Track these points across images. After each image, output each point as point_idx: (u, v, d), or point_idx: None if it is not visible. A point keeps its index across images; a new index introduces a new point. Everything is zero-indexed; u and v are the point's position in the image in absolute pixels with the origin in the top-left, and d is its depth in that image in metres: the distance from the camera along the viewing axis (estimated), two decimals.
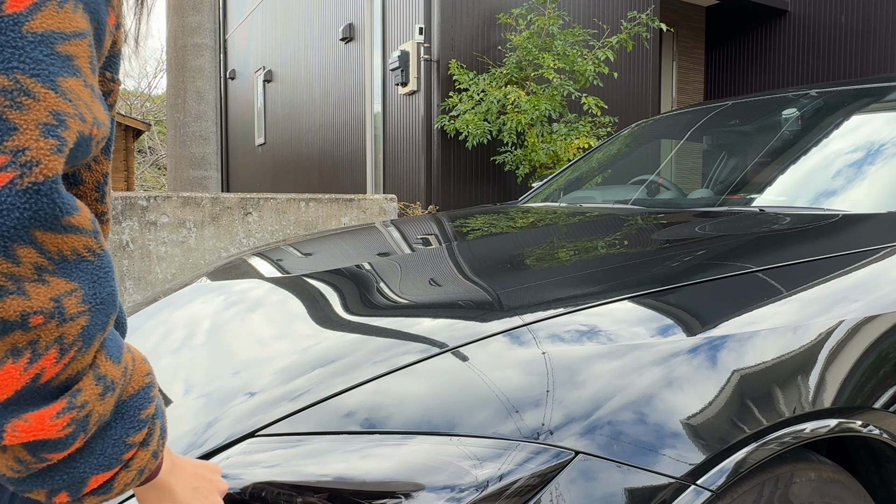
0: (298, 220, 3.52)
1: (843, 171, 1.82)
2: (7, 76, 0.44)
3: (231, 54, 13.06)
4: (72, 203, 0.47)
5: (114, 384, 0.53)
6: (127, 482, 0.57)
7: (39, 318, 0.46)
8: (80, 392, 0.50)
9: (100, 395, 0.52)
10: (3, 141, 0.44)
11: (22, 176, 0.44)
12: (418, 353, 0.99)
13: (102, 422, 0.53)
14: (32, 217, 0.44)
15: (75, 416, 0.50)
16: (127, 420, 0.55)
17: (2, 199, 0.43)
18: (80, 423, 0.51)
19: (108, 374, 0.52)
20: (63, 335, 0.47)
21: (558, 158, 5.70)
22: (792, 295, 1.14)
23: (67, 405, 0.49)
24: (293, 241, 2.16)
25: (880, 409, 1.11)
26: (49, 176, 0.45)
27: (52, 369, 0.48)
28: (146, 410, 0.57)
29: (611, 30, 6.58)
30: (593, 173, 2.87)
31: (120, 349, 0.55)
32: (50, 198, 0.45)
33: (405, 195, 6.85)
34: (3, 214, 0.43)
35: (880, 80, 2.19)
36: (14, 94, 0.44)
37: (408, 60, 6.52)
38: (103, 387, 0.52)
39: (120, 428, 0.55)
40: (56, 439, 0.50)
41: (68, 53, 0.47)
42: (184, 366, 1.18)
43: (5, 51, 0.44)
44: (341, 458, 0.85)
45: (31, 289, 0.45)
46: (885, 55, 7.66)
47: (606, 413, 0.89)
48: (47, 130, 0.45)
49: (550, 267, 1.43)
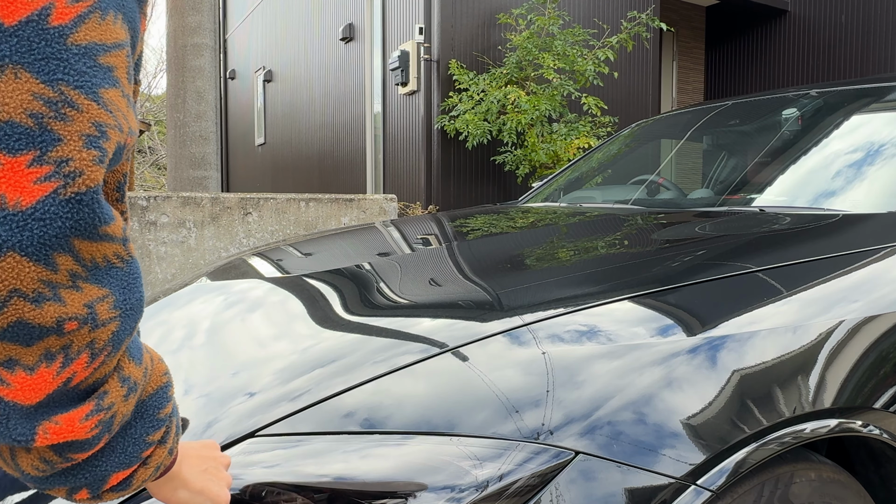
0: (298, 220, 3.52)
1: (843, 171, 1.82)
2: (52, 88, 0.45)
3: (231, 54, 13.06)
4: (109, 212, 0.48)
5: (136, 385, 0.55)
6: (144, 479, 0.59)
7: (74, 323, 0.46)
8: (106, 394, 0.52)
9: (124, 397, 0.53)
10: (48, 151, 0.44)
11: (65, 186, 0.45)
12: (418, 354, 0.99)
13: (125, 421, 0.55)
14: (73, 226, 0.45)
15: (102, 417, 0.52)
16: (147, 419, 0.57)
17: (45, 208, 0.44)
18: (107, 424, 0.52)
19: (131, 376, 0.54)
20: (94, 340, 0.48)
21: (558, 158, 5.70)
22: (792, 295, 1.14)
23: (95, 407, 0.51)
24: (293, 241, 2.16)
25: (880, 409, 1.11)
26: (91, 186, 0.46)
27: (82, 373, 0.49)
28: (165, 409, 0.59)
29: (611, 30, 6.58)
30: (593, 173, 2.87)
31: (141, 350, 0.56)
32: (91, 208, 0.46)
33: (405, 195, 6.85)
34: (47, 224, 0.44)
35: (880, 80, 2.19)
36: (59, 106, 0.45)
37: (408, 60, 6.52)
38: (127, 388, 0.53)
39: (140, 427, 0.57)
40: (83, 440, 0.51)
41: (109, 65, 0.48)
42: (183, 366, 1.18)
43: (50, 62, 0.45)
44: (341, 458, 0.85)
45: (66, 295, 0.46)
46: (885, 55, 7.66)
47: (606, 413, 0.89)
48: (90, 142, 0.46)
49: (550, 267, 1.43)
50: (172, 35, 6.29)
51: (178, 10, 6.22)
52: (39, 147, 0.44)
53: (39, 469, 0.52)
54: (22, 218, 0.44)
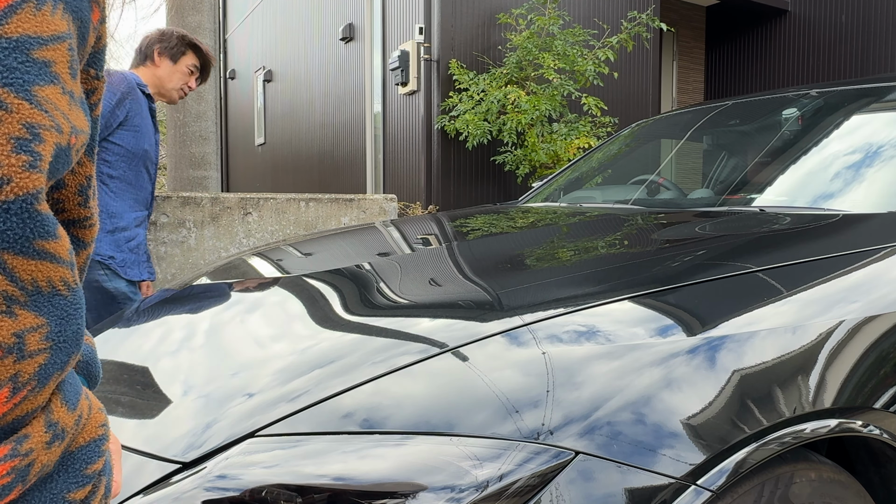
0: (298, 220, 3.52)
1: (844, 171, 1.82)
2: None
3: (231, 54, 13.05)
4: (50, 228, 0.43)
5: (64, 433, 0.48)
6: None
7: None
8: (27, 438, 0.45)
9: (47, 444, 0.47)
10: None
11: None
12: (418, 354, 0.99)
13: (44, 473, 0.48)
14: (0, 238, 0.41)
15: (17, 464, 0.45)
16: (71, 474, 0.50)
17: None
18: (21, 473, 0.45)
19: (60, 421, 0.48)
20: (19, 373, 0.43)
21: (558, 158, 5.69)
22: (792, 295, 1.14)
23: (11, 452, 0.44)
24: (293, 241, 2.16)
25: (880, 409, 1.11)
26: (20, 195, 0.41)
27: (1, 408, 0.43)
28: (94, 465, 0.51)
29: (611, 30, 6.57)
30: (593, 173, 2.87)
31: (77, 395, 0.50)
32: (21, 217, 0.41)
33: (405, 195, 6.84)
34: None
35: (880, 80, 2.18)
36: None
37: (408, 60, 6.52)
38: (52, 434, 0.47)
39: (62, 482, 0.49)
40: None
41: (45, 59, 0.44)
42: (183, 366, 1.18)
43: None
44: (340, 458, 0.85)
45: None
46: (885, 55, 7.66)
47: (606, 413, 0.89)
48: (20, 145, 0.41)
49: (550, 267, 1.43)
50: None
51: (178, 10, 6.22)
52: None
53: None
54: None
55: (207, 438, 0.92)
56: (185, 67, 2.67)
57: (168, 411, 1.04)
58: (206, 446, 0.91)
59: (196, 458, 0.90)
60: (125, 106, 2.44)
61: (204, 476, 0.86)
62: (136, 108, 2.48)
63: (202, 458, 0.89)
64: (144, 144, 2.52)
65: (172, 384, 1.12)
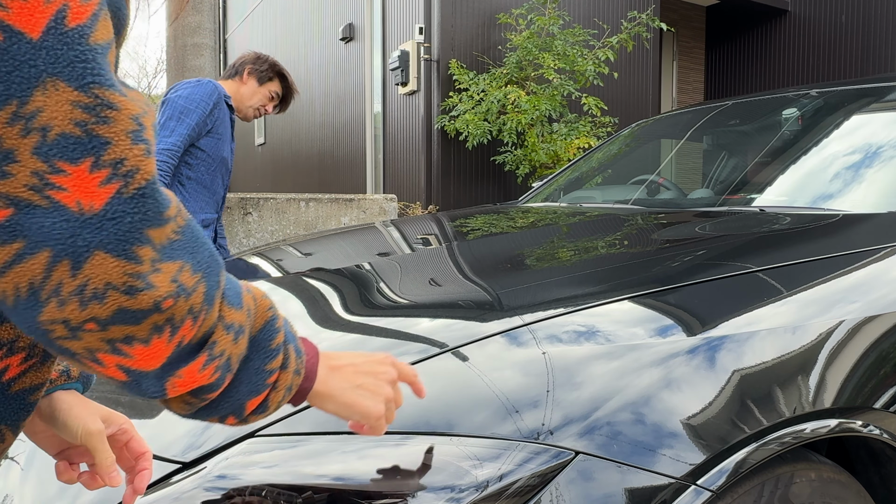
0: (298, 220, 3.52)
1: (843, 171, 1.82)
2: (86, 93, 0.45)
3: (231, 54, 13.05)
4: (166, 197, 0.51)
5: (241, 328, 0.60)
6: (279, 400, 0.65)
7: (169, 300, 0.51)
8: (215, 344, 0.57)
9: (233, 340, 0.58)
10: (101, 155, 0.46)
11: (126, 185, 0.48)
12: (417, 354, 0.99)
13: (242, 358, 0.61)
14: (143, 219, 0.49)
15: (218, 363, 0.57)
16: (261, 352, 0.62)
17: (115, 208, 0.47)
18: (224, 367, 0.58)
19: (234, 322, 0.59)
20: (192, 306, 0.53)
21: (558, 158, 5.69)
22: (792, 295, 1.14)
23: (209, 357, 0.56)
24: (293, 241, 2.16)
25: (880, 409, 1.11)
26: (148, 179, 0.49)
27: (189, 334, 0.54)
28: (276, 339, 0.63)
29: (611, 30, 6.57)
30: (593, 173, 2.87)
31: (239, 297, 0.60)
32: (153, 198, 0.49)
33: (405, 195, 6.84)
34: (118, 222, 0.47)
35: (880, 80, 2.18)
36: (98, 110, 0.46)
37: (408, 60, 6.52)
38: (234, 333, 0.58)
39: (258, 360, 0.62)
40: (208, 384, 0.58)
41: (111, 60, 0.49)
42: None
43: (76, 66, 0.45)
44: (340, 458, 0.85)
45: (154, 279, 0.50)
46: (885, 55, 7.66)
47: (606, 413, 0.89)
48: (136, 137, 0.48)
49: (550, 267, 1.43)
50: (172, 35, 6.29)
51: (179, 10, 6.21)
52: (93, 153, 0.46)
53: (185, 409, 0.61)
54: (98, 220, 0.47)
55: (207, 438, 0.92)
56: (267, 91, 2.88)
57: (168, 411, 1.04)
58: (206, 446, 0.91)
59: (196, 458, 0.90)
60: (215, 115, 2.63)
61: (204, 476, 0.86)
62: (221, 117, 2.67)
63: (202, 458, 0.89)
64: (224, 152, 2.71)
65: None
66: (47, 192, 0.46)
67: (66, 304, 0.48)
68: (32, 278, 0.47)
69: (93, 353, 0.51)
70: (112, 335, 0.50)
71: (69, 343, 0.50)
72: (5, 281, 0.47)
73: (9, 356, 0.56)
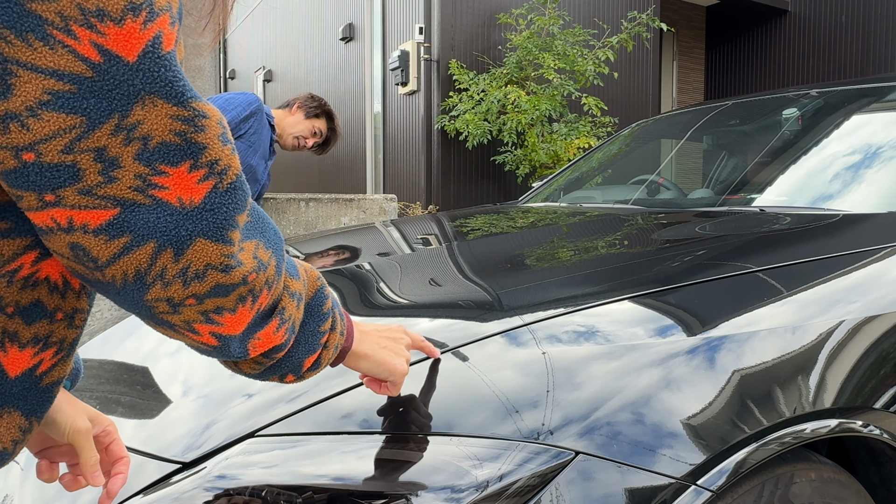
0: (298, 220, 3.52)
1: (843, 171, 1.82)
2: (185, 108, 0.52)
3: (231, 54, 13.05)
4: (248, 186, 0.58)
5: (301, 295, 0.69)
6: (329, 358, 0.76)
7: (253, 275, 0.59)
8: (284, 309, 0.66)
9: (296, 307, 0.68)
10: (199, 158, 0.53)
11: (221, 181, 0.55)
12: (417, 354, 0.99)
13: (300, 321, 0.70)
14: (235, 207, 0.56)
15: (288, 325, 0.67)
16: (315, 315, 0.72)
17: (212, 200, 0.54)
18: (290, 329, 0.68)
19: (296, 290, 0.68)
20: (268, 278, 0.61)
21: (558, 158, 5.69)
22: (792, 295, 1.14)
23: (280, 320, 0.65)
24: (293, 241, 2.16)
25: (881, 410, 1.11)
26: (238, 174, 0.56)
27: (265, 301, 0.62)
28: (326, 305, 0.73)
29: (611, 30, 6.57)
30: (593, 173, 2.87)
31: (296, 267, 0.70)
32: (243, 190, 0.57)
33: (405, 195, 6.84)
34: (216, 212, 0.55)
35: (880, 80, 2.18)
36: (194, 120, 0.53)
37: (408, 60, 6.52)
38: (296, 300, 0.68)
39: (313, 322, 0.72)
40: (280, 344, 0.67)
41: None
42: (182, 367, 1.17)
43: (174, 86, 0.52)
44: (339, 458, 0.85)
45: (242, 257, 0.58)
46: (885, 55, 7.66)
47: (606, 413, 0.89)
48: (224, 139, 0.55)
49: (550, 267, 1.43)
50: None
51: None
52: (192, 157, 0.53)
53: (255, 369, 0.70)
54: (198, 212, 0.54)
55: (207, 439, 0.92)
56: (311, 125, 3.04)
57: (168, 411, 1.04)
58: (206, 446, 0.91)
59: (196, 459, 0.90)
60: (251, 122, 2.76)
61: (203, 476, 0.86)
62: (258, 128, 2.81)
63: (202, 459, 0.89)
64: (252, 160, 2.80)
65: (172, 384, 1.12)
66: (150, 192, 0.52)
67: (170, 285, 0.55)
68: (139, 266, 0.54)
69: (190, 324, 0.59)
70: (206, 307, 0.58)
71: (171, 317, 0.58)
72: (113, 269, 0.54)
73: (43, 350, 0.61)
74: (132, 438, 0.98)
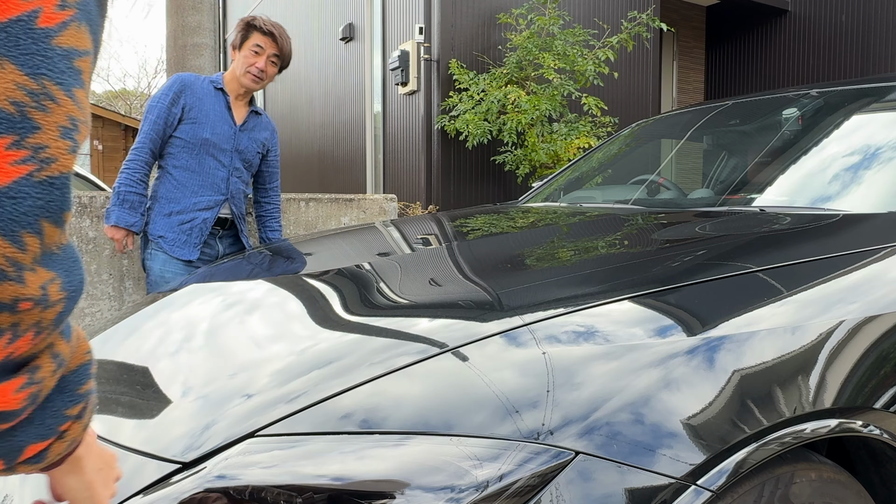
0: (298, 220, 3.52)
1: (843, 171, 1.82)
2: (35, 80, 0.49)
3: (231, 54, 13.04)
4: (71, 202, 0.52)
5: (64, 361, 0.56)
6: (59, 452, 0.59)
7: (28, 303, 0.49)
8: (39, 369, 0.53)
9: (53, 372, 0.55)
10: (26, 137, 0.48)
11: (40, 170, 0.48)
12: (417, 354, 0.99)
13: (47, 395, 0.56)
14: (43, 207, 0.49)
15: (33, 390, 0.53)
16: (67, 394, 0.58)
17: (19, 188, 0.48)
18: (34, 397, 0.54)
19: (61, 353, 0.56)
20: (42, 319, 0.51)
21: (558, 158, 5.69)
22: (792, 295, 1.14)
23: (28, 380, 0.52)
24: (293, 241, 2.16)
25: (881, 409, 1.11)
26: (63, 172, 0.50)
27: (23, 348, 0.51)
28: (85, 385, 0.60)
29: (611, 30, 6.57)
30: (593, 173, 2.87)
31: (70, 327, 0.58)
32: (62, 192, 0.50)
33: (405, 195, 6.84)
34: (18, 202, 0.47)
35: (880, 80, 2.18)
36: (40, 98, 0.49)
37: (408, 60, 6.52)
38: (57, 364, 0.55)
39: (60, 401, 0.58)
40: (12, 410, 0.52)
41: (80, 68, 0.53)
42: (182, 367, 1.17)
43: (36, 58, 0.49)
44: (339, 458, 0.85)
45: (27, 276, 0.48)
46: (885, 55, 7.65)
47: (606, 413, 0.89)
48: (65, 133, 0.50)
49: (550, 267, 1.43)
50: (172, 35, 6.29)
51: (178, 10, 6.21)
52: (19, 132, 0.48)
53: None
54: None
55: (207, 439, 0.92)
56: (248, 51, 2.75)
57: (167, 412, 1.04)
58: (206, 447, 0.91)
59: (195, 459, 0.90)
60: (179, 104, 2.63)
61: (203, 476, 0.86)
62: (192, 102, 2.65)
63: (201, 459, 0.89)
64: (204, 133, 2.66)
65: (172, 384, 1.12)
66: None
67: None
68: None
69: None
70: None
71: None
72: None
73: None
74: (132, 438, 0.98)
